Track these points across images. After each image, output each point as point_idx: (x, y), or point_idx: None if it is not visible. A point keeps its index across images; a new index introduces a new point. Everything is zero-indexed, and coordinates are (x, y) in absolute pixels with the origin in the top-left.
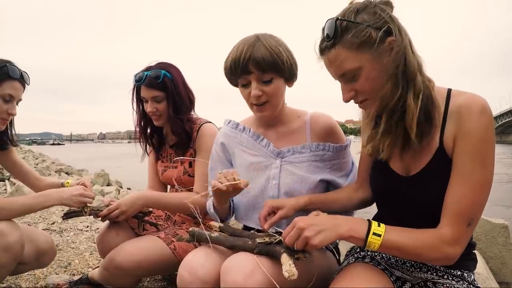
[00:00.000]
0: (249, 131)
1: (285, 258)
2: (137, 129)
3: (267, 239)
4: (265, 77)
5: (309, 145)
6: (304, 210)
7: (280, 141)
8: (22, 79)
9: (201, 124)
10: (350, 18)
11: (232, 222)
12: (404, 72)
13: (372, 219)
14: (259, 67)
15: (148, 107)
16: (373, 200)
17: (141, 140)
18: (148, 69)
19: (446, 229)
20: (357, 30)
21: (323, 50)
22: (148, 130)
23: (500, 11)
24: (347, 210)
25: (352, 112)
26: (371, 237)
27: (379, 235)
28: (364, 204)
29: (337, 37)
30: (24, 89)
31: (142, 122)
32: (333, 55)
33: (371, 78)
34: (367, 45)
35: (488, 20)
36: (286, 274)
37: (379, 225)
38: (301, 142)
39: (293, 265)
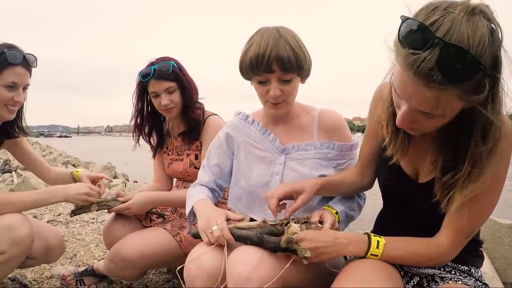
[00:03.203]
0: (258, 124)
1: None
2: (134, 124)
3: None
4: (287, 76)
5: (313, 143)
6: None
7: (287, 136)
8: (25, 63)
9: (207, 117)
10: (481, 56)
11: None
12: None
13: (378, 216)
14: (283, 67)
15: (163, 100)
16: (371, 186)
17: (135, 133)
18: (152, 64)
19: (444, 240)
20: (478, 76)
21: (424, 76)
22: (147, 129)
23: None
24: (349, 195)
25: (359, 110)
26: (369, 256)
27: (376, 255)
28: (364, 189)
29: (459, 81)
30: (30, 73)
31: (138, 119)
32: (435, 94)
33: (445, 122)
34: (472, 94)
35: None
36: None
37: (377, 247)
38: (308, 138)
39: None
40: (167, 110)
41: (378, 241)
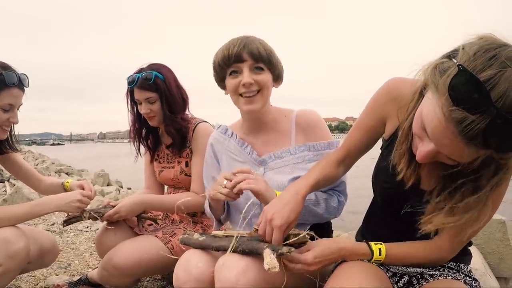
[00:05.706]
0: (236, 137)
1: (267, 252)
2: (131, 130)
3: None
4: (258, 66)
5: (288, 149)
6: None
7: (267, 145)
8: (20, 84)
9: (196, 124)
10: None
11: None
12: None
13: (367, 219)
14: (253, 56)
15: (142, 109)
16: (340, 177)
17: (135, 141)
18: (140, 71)
19: (445, 244)
20: None
21: (466, 137)
22: (143, 132)
23: (496, 10)
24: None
25: (352, 110)
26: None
27: (380, 260)
28: (336, 180)
29: (501, 151)
30: (24, 93)
31: (136, 124)
32: (471, 151)
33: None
34: (504, 154)
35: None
36: (266, 267)
37: (380, 254)
38: (286, 142)
39: (275, 258)
40: (149, 118)
41: (379, 250)
